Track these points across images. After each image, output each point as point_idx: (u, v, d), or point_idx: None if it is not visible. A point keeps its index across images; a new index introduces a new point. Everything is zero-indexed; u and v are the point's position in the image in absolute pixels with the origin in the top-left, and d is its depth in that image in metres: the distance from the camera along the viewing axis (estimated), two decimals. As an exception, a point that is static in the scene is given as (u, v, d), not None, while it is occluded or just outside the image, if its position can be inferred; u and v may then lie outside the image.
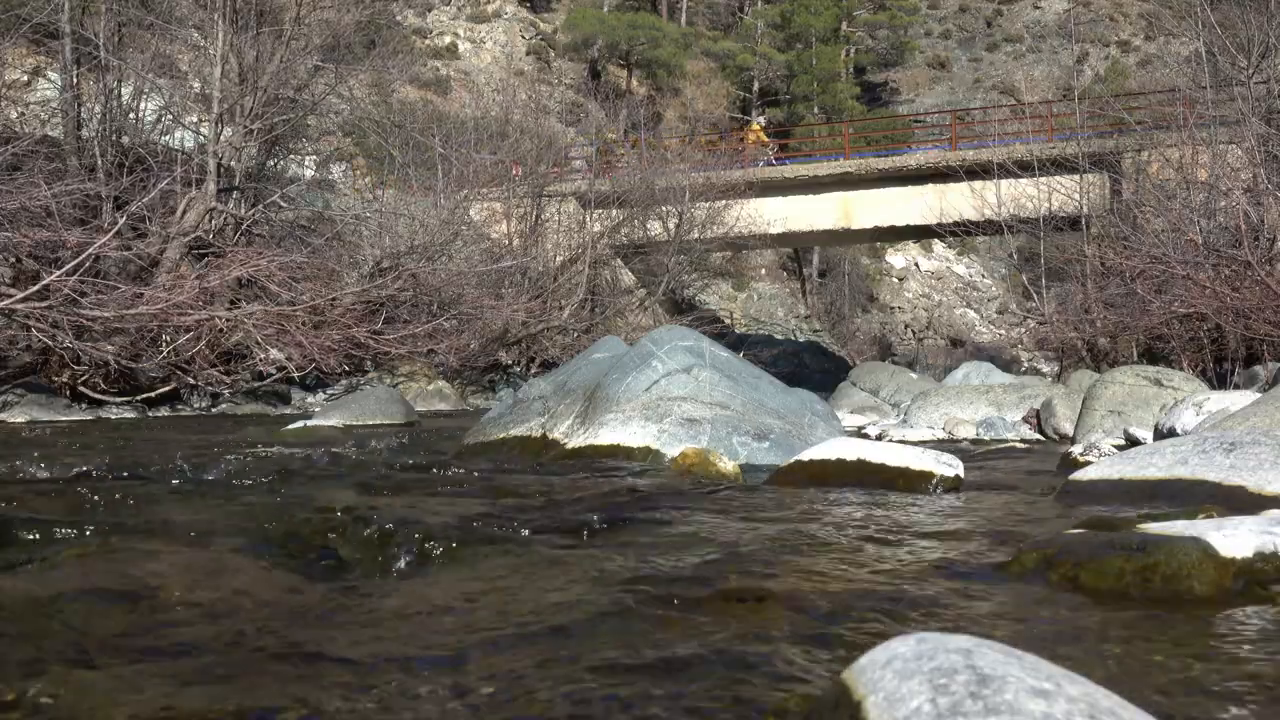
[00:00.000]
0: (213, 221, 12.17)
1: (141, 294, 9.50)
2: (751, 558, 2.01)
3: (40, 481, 3.29)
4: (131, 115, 13.13)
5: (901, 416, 8.33)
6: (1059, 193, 17.07)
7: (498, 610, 1.59)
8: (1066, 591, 1.65)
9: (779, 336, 29.84)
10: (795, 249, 33.34)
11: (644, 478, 3.49)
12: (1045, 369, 21.16)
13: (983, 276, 41.89)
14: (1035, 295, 17.42)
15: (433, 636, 1.43)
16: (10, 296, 8.17)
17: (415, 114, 23.80)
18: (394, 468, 3.96)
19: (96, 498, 2.67)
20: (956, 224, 19.17)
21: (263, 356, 10.86)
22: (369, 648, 1.37)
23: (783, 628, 1.46)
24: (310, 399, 11.55)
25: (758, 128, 24.45)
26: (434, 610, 1.59)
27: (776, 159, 25.93)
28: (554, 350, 16.85)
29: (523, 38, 35.90)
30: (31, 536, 2.06)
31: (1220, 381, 9.46)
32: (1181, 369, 9.01)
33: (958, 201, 19.39)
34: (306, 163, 19.55)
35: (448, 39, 34.50)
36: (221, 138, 12.70)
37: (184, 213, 11.77)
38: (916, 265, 41.47)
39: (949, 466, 3.29)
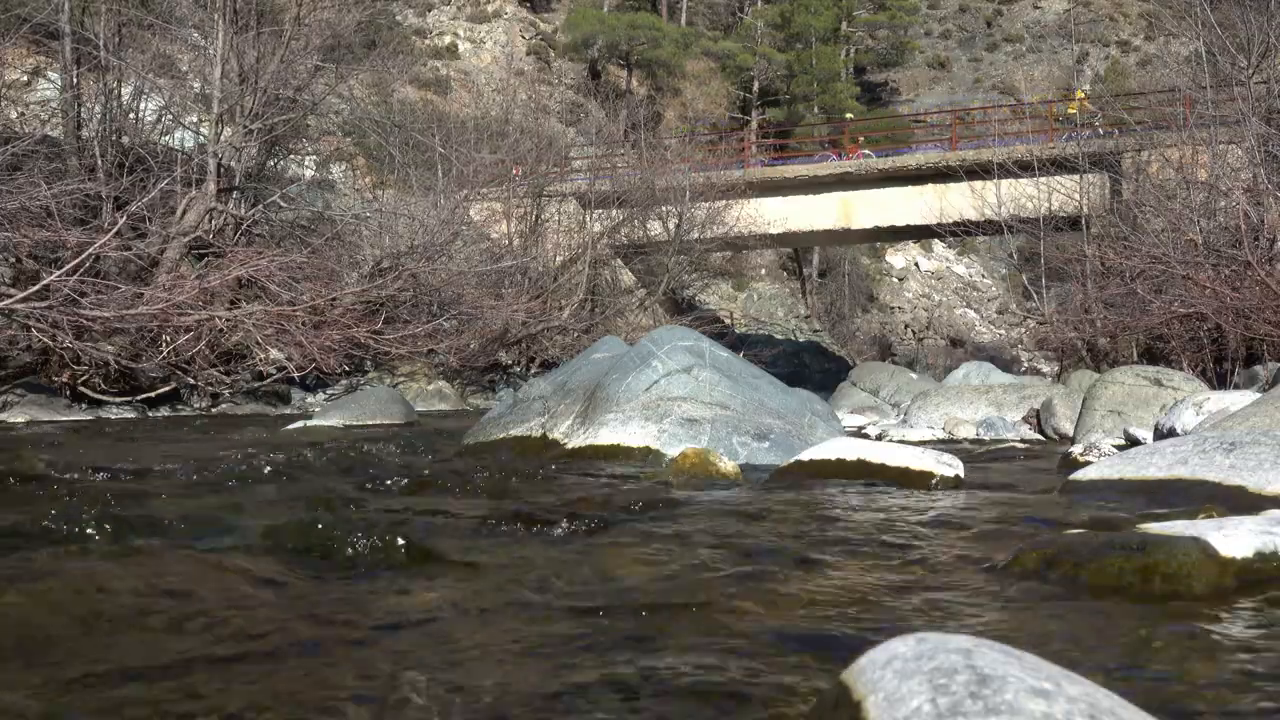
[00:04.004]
0: (213, 221, 12.17)
1: (141, 294, 9.50)
2: (751, 558, 2.01)
3: (40, 482, 3.29)
4: (131, 115, 13.12)
5: (901, 416, 8.33)
6: (1059, 193, 17.05)
7: (497, 610, 1.59)
8: (1066, 591, 1.65)
9: (779, 336, 29.82)
10: (795, 249, 33.32)
11: (644, 478, 3.49)
12: (1045, 369, 21.15)
13: (983, 276, 41.88)
14: (1035, 295, 17.39)
15: (432, 636, 1.43)
16: (10, 296, 8.17)
17: (415, 114, 23.77)
18: (394, 468, 3.96)
19: (96, 498, 2.67)
20: (956, 224, 19.14)
21: (263, 356, 10.86)
22: (368, 648, 1.37)
23: (783, 627, 1.46)
24: (310, 399, 11.55)
25: (1082, 95, 22.71)
26: (433, 610, 1.59)
27: (774, 159, 25.89)
28: (554, 350, 16.84)
29: (523, 38, 35.87)
30: (31, 537, 2.06)
31: (1220, 381, 9.46)
32: (1181, 369, 9.00)
33: (958, 201, 19.37)
34: (306, 163, 19.54)
35: (448, 39, 34.48)
36: (221, 138, 12.70)
37: (184, 213, 11.77)
38: (916, 265, 41.46)
39: (949, 466, 3.29)
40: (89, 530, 2.12)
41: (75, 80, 12.16)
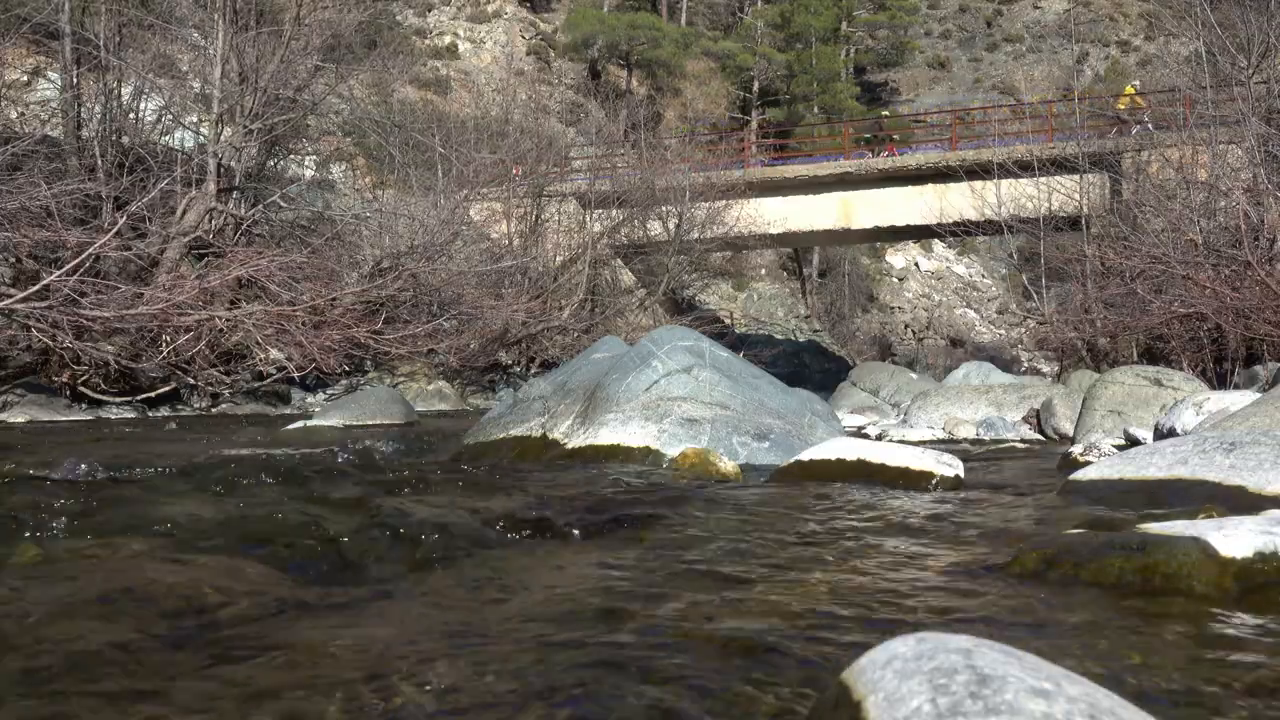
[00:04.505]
0: (213, 221, 12.17)
1: (141, 294, 9.50)
2: (751, 558, 2.01)
3: (39, 482, 3.28)
4: (131, 115, 13.13)
5: (901, 416, 8.34)
6: (1059, 193, 17.05)
7: (496, 610, 1.59)
8: (1066, 592, 1.65)
9: (779, 336, 29.81)
10: (795, 249, 33.33)
11: (644, 478, 3.48)
12: (1045, 369, 21.15)
13: (983, 276, 41.87)
14: (1035, 295, 17.39)
15: (431, 636, 1.43)
16: (10, 296, 8.17)
17: (415, 114, 23.76)
18: (393, 468, 3.96)
19: (95, 499, 2.67)
20: (956, 224, 19.14)
21: (263, 356, 10.86)
22: (368, 648, 1.37)
23: (783, 628, 1.46)
24: (310, 399, 11.55)
25: (1131, 90, 21.34)
26: (432, 610, 1.59)
27: (774, 159, 25.87)
28: (554, 350, 16.84)
29: (523, 38, 35.87)
30: (30, 538, 2.06)
31: (1220, 381, 9.45)
32: (1181, 369, 9.00)
33: (958, 201, 19.37)
34: (306, 163, 19.55)
35: (448, 39, 34.47)
36: (221, 138, 12.70)
37: (184, 213, 11.77)
38: (916, 265, 41.45)
39: (949, 466, 3.29)
40: (84, 531, 2.11)
41: (75, 80, 12.16)
